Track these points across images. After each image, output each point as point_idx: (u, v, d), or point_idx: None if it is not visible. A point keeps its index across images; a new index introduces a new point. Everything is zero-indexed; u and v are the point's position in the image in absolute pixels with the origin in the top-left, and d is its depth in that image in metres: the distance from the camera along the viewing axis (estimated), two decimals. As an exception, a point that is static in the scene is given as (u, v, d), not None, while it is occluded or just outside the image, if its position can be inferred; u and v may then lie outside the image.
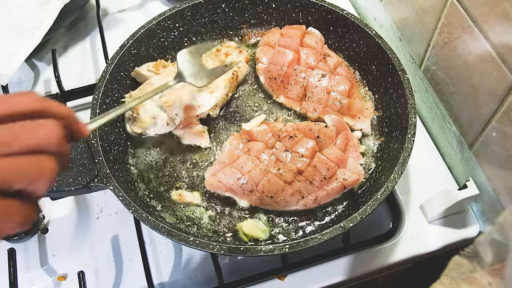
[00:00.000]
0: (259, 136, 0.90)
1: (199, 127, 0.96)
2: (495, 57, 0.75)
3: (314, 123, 0.92)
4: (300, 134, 0.89)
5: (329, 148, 0.88)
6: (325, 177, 0.85)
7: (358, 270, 0.88)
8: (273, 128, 0.91)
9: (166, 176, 0.92)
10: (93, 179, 0.81)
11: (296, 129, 0.90)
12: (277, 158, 0.87)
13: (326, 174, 0.85)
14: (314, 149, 0.87)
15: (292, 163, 0.85)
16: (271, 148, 0.88)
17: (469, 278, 0.60)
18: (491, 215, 0.90)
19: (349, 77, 0.99)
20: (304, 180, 0.85)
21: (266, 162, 0.86)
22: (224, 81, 0.99)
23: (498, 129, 0.80)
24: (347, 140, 0.90)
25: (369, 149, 0.95)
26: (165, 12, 1.02)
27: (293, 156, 0.86)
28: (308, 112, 0.97)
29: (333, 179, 0.86)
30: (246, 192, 0.85)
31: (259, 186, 0.85)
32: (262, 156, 0.87)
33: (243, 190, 0.85)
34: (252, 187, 0.85)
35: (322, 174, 0.85)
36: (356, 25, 0.99)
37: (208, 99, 0.96)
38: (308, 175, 0.85)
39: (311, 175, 0.85)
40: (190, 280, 0.88)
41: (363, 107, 0.97)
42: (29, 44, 1.06)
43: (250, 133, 0.91)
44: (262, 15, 1.10)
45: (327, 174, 0.85)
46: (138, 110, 0.93)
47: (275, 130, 0.90)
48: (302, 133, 0.89)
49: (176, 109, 0.93)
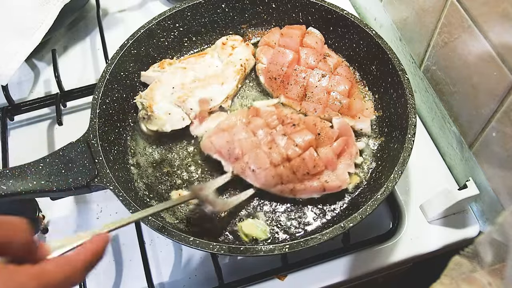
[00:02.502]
0: (264, 115, 0.91)
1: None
2: (495, 57, 0.75)
3: (320, 119, 0.92)
4: (303, 125, 0.89)
5: (325, 147, 0.88)
6: (308, 172, 0.85)
7: (358, 270, 0.88)
8: (280, 112, 0.93)
9: (166, 176, 0.92)
10: (93, 179, 0.81)
11: (303, 121, 0.91)
12: (273, 139, 0.88)
13: (310, 170, 0.85)
14: (311, 143, 0.87)
15: (284, 149, 0.86)
16: (271, 129, 0.90)
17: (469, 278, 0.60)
18: (491, 215, 0.90)
19: (349, 77, 0.99)
20: (289, 168, 0.85)
21: (260, 138, 0.88)
22: (234, 73, 1.00)
23: (498, 129, 0.80)
24: (345, 147, 0.90)
25: (369, 149, 0.95)
26: (165, 12, 1.02)
27: (287, 143, 0.87)
28: (308, 112, 0.97)
29: (316, 177, 0.86)
30: (232, 159, 0.88)
31: (245, 157, 0.86)
32: (258, 132, 0.89)
33: (230, 155, 0.88)
34: (238, 155, 0.87)
35: (306, 169, 0.85)
36: (356, 25, 0.99)
37: (219, 91, 0.98)
38: (294, 164, 0.85)
39: (296, 166, 0.85)
40: (190, 280, 0.88)
41: (363, 107, 0.97)
42: (29, 44, 1.06)
43: (258, 111, 0.93)
44: (262, 15, 1.10)
45: (311, 171, 0.85)
46: (152, 108, 0.94)
47: (281, 115, 0.92)
48: (306, 126, 0.90)
49: (191, 103, 0.94)
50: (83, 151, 0.83)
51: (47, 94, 1.12)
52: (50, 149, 1.04)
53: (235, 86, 1.00)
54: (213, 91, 0.98)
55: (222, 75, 1.00)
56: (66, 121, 1.06)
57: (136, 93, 1.01)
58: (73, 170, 0.81)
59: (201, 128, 0.96)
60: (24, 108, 1.08)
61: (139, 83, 1.03)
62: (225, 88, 0.99)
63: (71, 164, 0.82)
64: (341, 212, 0.87)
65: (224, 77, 1.00)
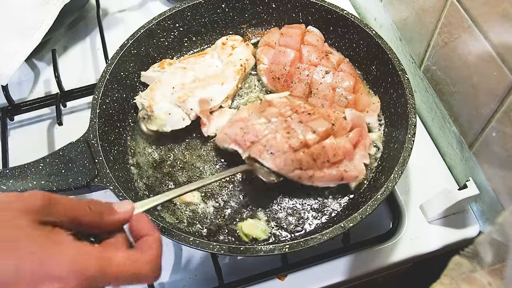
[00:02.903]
0: (277, 105, 0.90)
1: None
2: (495, 57, 0.75)
3: (333, 110, 0.91)
4: (318, 114, 0.89)
5: (341, 138, 0.88)
6: (328, 161, 0.84)
7: (358, 270, 0.88)
8: (292, 103, 0.91)
9: (166, 176, 0.92)
10: (93, 179, 0.81)
11: (317, 110, 0.90)
12: (289, 125, 0.86)
13: (330, 159, 0.84)
14: (328, 131, 0.86)
15: (302, 135, 0.84)
16: (286, 117, 0.88)
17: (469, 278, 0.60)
18: (491, 215, 0.90)
19: (353, 73, 0.99)
20: (309, 154, 0.84)
21: (275, 124, 0.86)
22: (234, 73, 1.00)
23: (498, 129, 0.80)
24: (360, 138, 0.90)
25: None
26: (165, 12, 1.02)
27: (305, 129, 0.85)
28: (316, 107, 0.97)
29: (335, 166, 0.85)
30: (248, 143, 0.85)
31: (262, 140, 0.84)
32: (273, 119, 0.87)
33: (245, 141, 0.85)
34: (255, 138, 0.85)
35: (326, 157, 0.84)
36: (356, 25, 0.99)
37: (219, 91, 0.98)
38: (314, 152, 0.84)
39: (316, 154, 0.84)
40: (190, 280, 0.88)
41: (369, 101, 0.97)
42: (29, 44, 1.06)
43: (270, 102, 0.91)
44: (262, 15, 1.10)
45: (331, 159, 0.84)
46: (152, 108, 0.94)
47: (294, 105, 0.90)
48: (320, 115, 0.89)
49: (191, 103, 0.94)
50: (83, 151, 0.83)
51: (47, 94, 1.12)
52: (50, 149, 1.04)
53: (235, 86, 1.00)
54: (213, 91, 0.98)
55: (222, 75, 1.00)
56: (66, 121, 1.06)
57: (136, 93, 1.01)
58: (73, 170, 0.81)
59: (211, 128, 0.95)
60: (24, 108, 1.08)
61: (139, 83, 1.03)
62: (225, 88, 0.99)
63: (71, 164, 0.82)
64: (341, 212, 0.87)
65: (224, 77, 1.00)
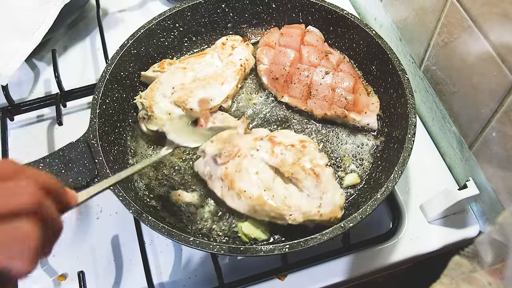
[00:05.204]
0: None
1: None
2: (495, 57, 0.75)
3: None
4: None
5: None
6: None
7: (358, 270, 0.88)
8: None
9: (165, 176, 0.92)
10: (93, 179, 0.81)
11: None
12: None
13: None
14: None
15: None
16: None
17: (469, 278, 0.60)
18: (491, 215, 0.90)
19: (352, 73, 1.00)
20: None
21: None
22: (234, 73, 1.00)
23: (498, 129, 0.80)
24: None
25: (369, 149, 0.95)
26: (165, 12, 1.02)
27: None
28: (314, 110, 0.97)
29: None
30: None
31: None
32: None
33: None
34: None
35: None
36: (356, 25, 0.99)
37: (219, 91, 0.98)
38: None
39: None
40: (190, 280, 0.88)
41: (369, 102, 0.97)
42: (29, 44, 1.06)
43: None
44: (262, 15, 1.10)
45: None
46: (152, 108, 0.94)
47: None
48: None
49: (191, 103, 0.94)
50: (83, 151, 0.83)
51: (47, 94, 1.12)
52: (50, 149, 1.04)
53: (235, 86, 1.00)
54: (213, 91, 0.98)
55: (222, 75, 1.00)
56: (66, 121, 1.06)
57: (136, 93, 1.01)
58: (73, 170, 0.81)
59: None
60: (24, 108, 1.08)
61: (139, 83, 1.03)
62: (225, 88, 0.99)
63: (71, 164, 0.82)
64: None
65: (224, 77, 1.00)
